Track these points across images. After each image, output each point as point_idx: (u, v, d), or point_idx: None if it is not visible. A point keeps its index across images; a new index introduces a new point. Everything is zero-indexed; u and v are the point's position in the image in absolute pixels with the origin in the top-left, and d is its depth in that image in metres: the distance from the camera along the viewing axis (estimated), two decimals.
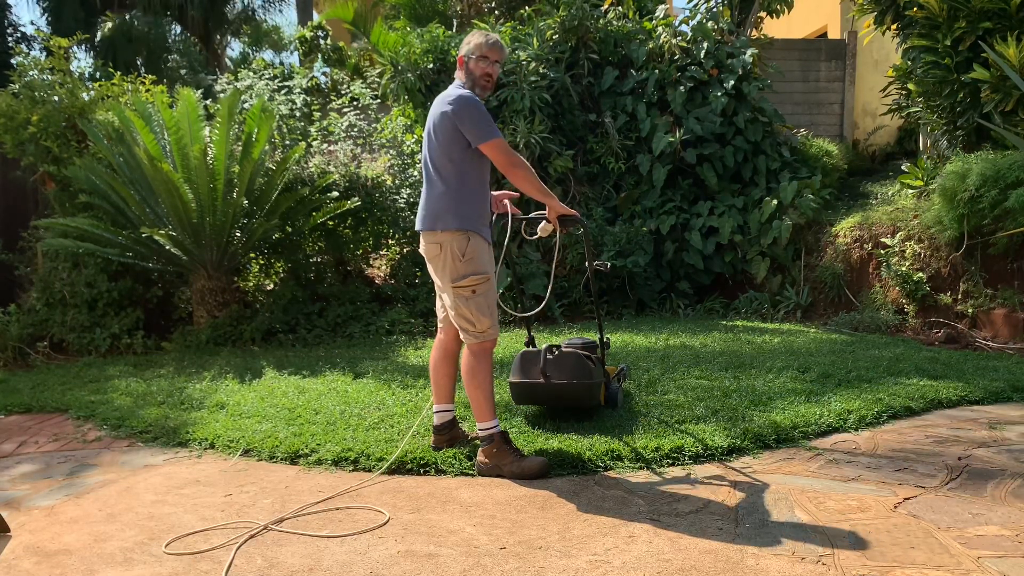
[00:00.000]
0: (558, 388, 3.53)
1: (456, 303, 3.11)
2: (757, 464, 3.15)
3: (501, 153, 3.04)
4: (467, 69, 3.17)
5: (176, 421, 3.98)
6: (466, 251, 3.07)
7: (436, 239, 3.10)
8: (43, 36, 7.98)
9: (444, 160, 3.08)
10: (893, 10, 7.39)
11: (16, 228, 7.09)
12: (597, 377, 3.60)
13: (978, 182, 5.61)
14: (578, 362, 3.56)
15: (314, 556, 2.43)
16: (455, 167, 3.08)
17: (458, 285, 3.08)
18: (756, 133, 7.87)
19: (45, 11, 16.88)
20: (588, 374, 3.55)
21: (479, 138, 3.01)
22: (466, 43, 3.18)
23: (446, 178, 3.08)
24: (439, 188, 3.09)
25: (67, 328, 6.25)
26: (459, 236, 3.07)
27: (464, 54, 3.17)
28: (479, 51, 3.15)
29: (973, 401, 3.99)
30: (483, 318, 3.11)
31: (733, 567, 2.26)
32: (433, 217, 3.10)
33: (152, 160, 5.60)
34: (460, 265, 3.07)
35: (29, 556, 2.49)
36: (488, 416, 3.14)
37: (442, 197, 3.09)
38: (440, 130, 3.06)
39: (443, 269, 3.11)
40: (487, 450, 3.12)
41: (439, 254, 3.10)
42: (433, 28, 8.08)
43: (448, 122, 3.03)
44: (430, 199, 3.13)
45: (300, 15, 17.56)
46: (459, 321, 3.14)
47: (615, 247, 7.33)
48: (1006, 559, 2.24)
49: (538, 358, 3.58)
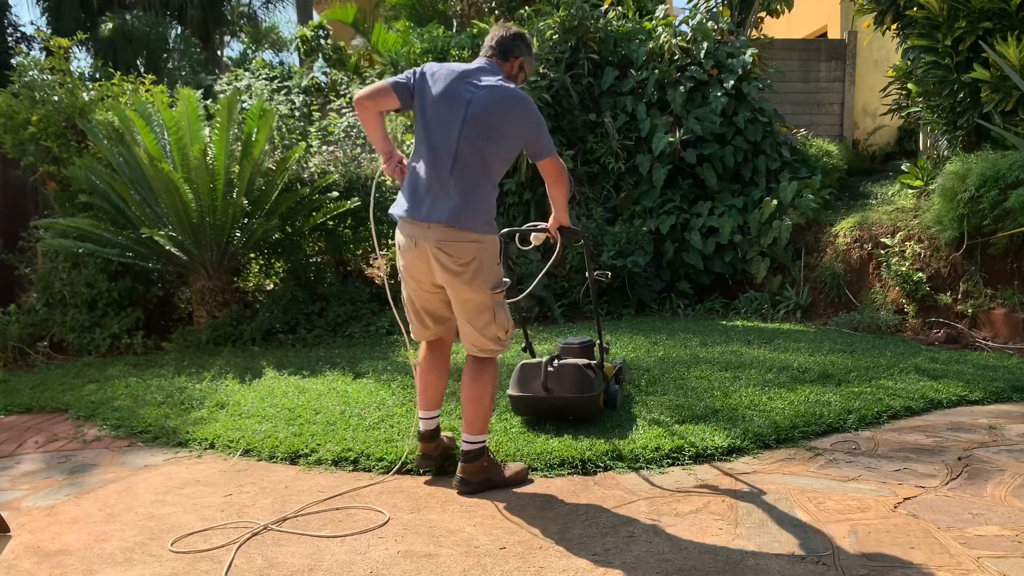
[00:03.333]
0: (560, 402, 3.50)
1: (496, 311, 2.91)
2: (757, 464, 3.15)
3: (559, 166, 2.94)
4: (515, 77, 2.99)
5: (176, 421, 3.98)
6: (500, 257, 2.92)
7: (478, 239, 2.79)
8: (43, 36, 7.98)
9: (499, 158, 2.84)
10: (893, 10, 7.39)
11: (16, 228, 7.09)
12: (598, 388, 3.55)
13: (978, 182, 5.61)
14: (579, 375, 3.52)
15: (314, 556, 2.43)
16: (502, 168, 2.89)
17: (499, 291, 2.91)
18: (756, 133, 7.88)
19: (45, 11, 16.88)
20: (589, 386, 3.50)
21: (547, 152, 2.87)
22: (530, 54, 3.02)
23: (493, 177, 2.85)
24: (486, 186, 2.82)
25: (67, 328, 6.25)
26: (497, 239, 2.89)
27: (525, 65, 3.01)
28: (530, 72, 3.10)
29: (973, 401, 3.99)
30: (512, 323, 3.01)
31: (733, 567, 2.26)
32: (481, 216, 2.80)
33: (152, 160, 5.59)
34: (499, 270, 2.91)
35: (29, 556, 2.49)
36: (485, 429, 3.00)
37: (487, 197, 2.83)
38: (509, 126, 2.81)
39: (480, 273, 2.82)
40: (477, 466, 2.94)
41: (477, 257, 2.79)
42: (433, 28, 8.09)
43: (521, 123, 2.82)
44: (475, 195, 2.79)
45: (300, 15, 17.56)
46: (494, 331, 2.93)
47: (615, 247, 7.33)
48: (1006, 559, 2.24)
49: (538, 370, 3.52)
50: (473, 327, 2.91)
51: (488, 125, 2.78)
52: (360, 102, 2.89)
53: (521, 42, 2.99)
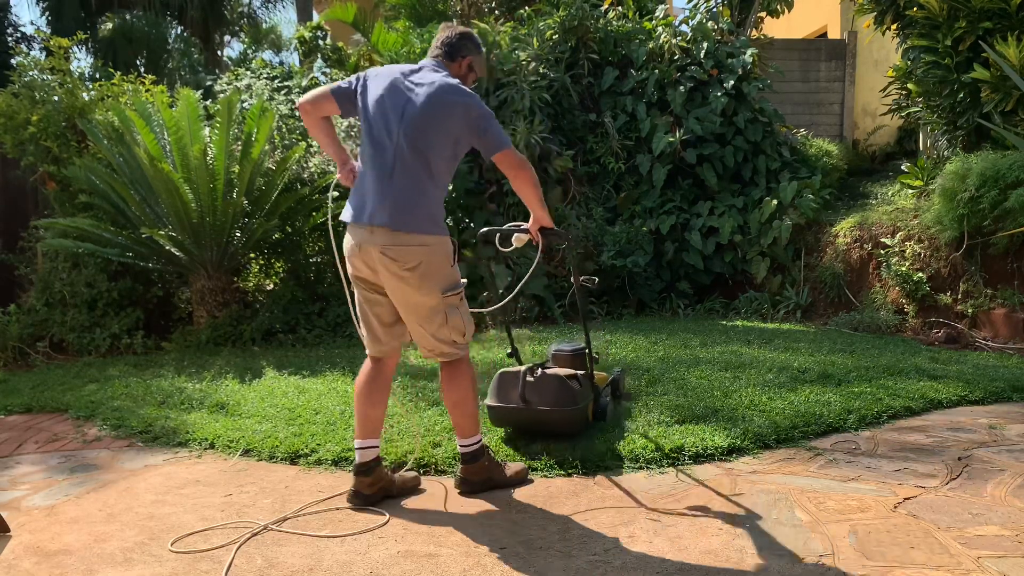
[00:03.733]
0: (539, 415, 3.26)
1: (449, 315, 2.79)
2: (757, 464, 3.15)
3: (516, 159, 2.76)
4: (465, 77, 2.92)
5: (176, 421, 3.98)
6: (453, 258, 2.80)
7: (424, 242, 2.69)
8: (43, 36, 7.98)
9: (441, 157, 2.73)
10: (893, 10, 7.39)
11: (16, 228, 7.09)
12: (582, 401, 3.32)
13: (978, 182, 5.62)
14: (561, 387, 3.26)
15: (314, 556, 2.43)
16: (447, 167, 2.78)
17: (453, 294, 2.79)
18: (756, 133, 7.88)
19: (45, 11, 16.87)
20: (571, 399, 3.25)
21: (498, 145, 2.73)
22: (479, 53, 2.95)
23: (438, 177, 2.75)
24: (430, 186, 2.72)
25: (67, 328, 6.25)
26: (448, 240, 2.77)
27: (474, 64, 2.94)
28: (481, 72, 2.99)
29: (973, 401, 3.99)
30: (471, 327, 2.89)
31: (733, 567, 2.26)
32: (422, 217, 2.70)
33: (152, 160, 5.60)
34: (453, 271, 2.80)
35: (29, 556, 2.49)
36: (478, 429, 2.93)
37: (433, 198, 2.73)
38: (449, 122, 2.70)
39: (429, 277, 2.72)
40: (477, 466, 2.91)
41: (423, 260, 2.69)
42: (433, 28, 8.08)
43: (463, 119, 2.71)
44: (418, 196, 2.70)
45: (300, 15, 17.56)
46: (450, 335, 2.81)
47: (615, 247, 7.33)
48: (1006, 559, 2.24)
49: (517, 380, 3.27)
50: (425, 331, 2.80)
51: (427, 123, 2.69)
52: (302, 107, 2.86)
53: (468, 41, 2.91)
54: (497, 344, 5.85)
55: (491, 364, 5.05)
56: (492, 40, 7.95)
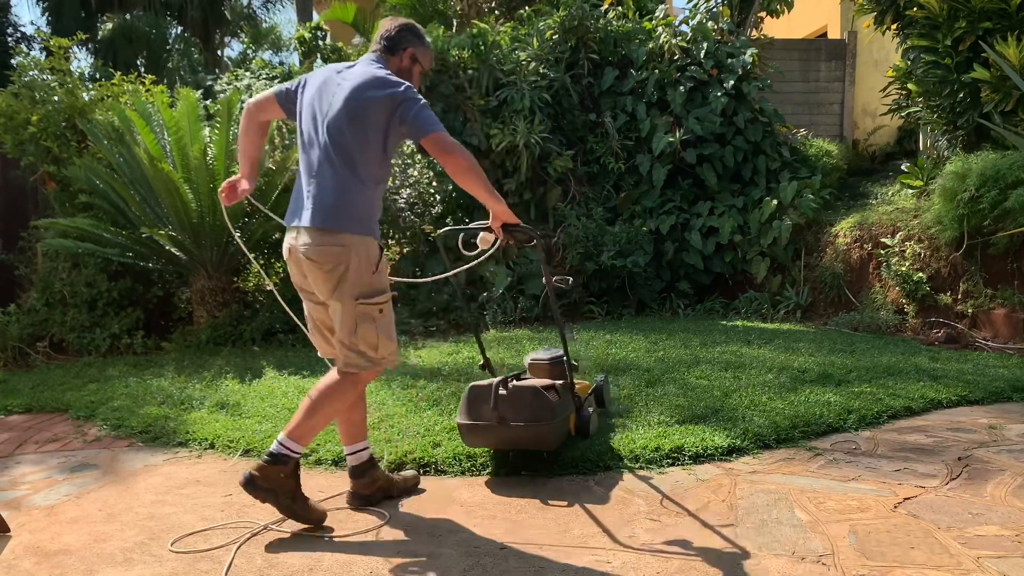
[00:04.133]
0: (514, 432, 2.96)
1: (360, 324, 2.60)
2: (757, 464, 3.15)
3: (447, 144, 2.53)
4: (409, 70, 2.79)
5: (176, 421, 3.98)
6: (379, 262, 2.62)
7: (344, 242, 2.55)
8: (43, 36, 7.98)
9: (367, 151, 2.58)
10: (893, 10, 7.40)
11: (16, 228, 7.09)
12: (561, 414, 3.04)
13: (978, 182, 5.62)
14: (536, 399, 2.97)
15: (314, 556, 2.43)
16: (378, 164, 2.62)
17: (368, 303, 2.60)
18: (756, 133, 7.88)
19: (45, 11, 16.88)
20: (549, 413, 2.96)
21: (426, 126, 2.52)
22: (423, 44, 2.82)
23: (365, 174, 2.59)
24: (356, 184, 2.58)
25: (67, 328, 6.25)
26: (373, 244, 2.60)
27: (418, 55, 2.81)
28: (428, 64, 2.86)
29: (973, 401, 3.99)
30: (388, 342, 2.67)
31: (733, 567, 2.26)
32: (343, 215, 2.56)
33: (152, 160, 5.59)
34: (374, 278, 2.61)
35: (29, 556, 2.49)
36: (305, 441, 2.64)
37: (360, 196, 2.59)
38: (372, 115, 2.56)
39: (346, 281, 2.56)
40: (274, 470, 2.57)
41: (343, 262, 2.55)
42: (433, 28, 8.08)
43: (386, 109, 2.55)
44: (343, 194, 2.57)
45: (300, 15, 17.56)
46: (359, 345, 2.62)
47: (615, 247, 7.33)
48: (1006, 559, 2.24)
49: (489, 393, 2.99)
50: (339, 336, 2.64)
51: (349, 120, 2.57)
52: (246, 108, 2.82)
53: (408, 33, 2.79)
54: (497, 344, 5.85)
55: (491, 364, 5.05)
56: (492, 40, 7.95)
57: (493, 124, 7.72)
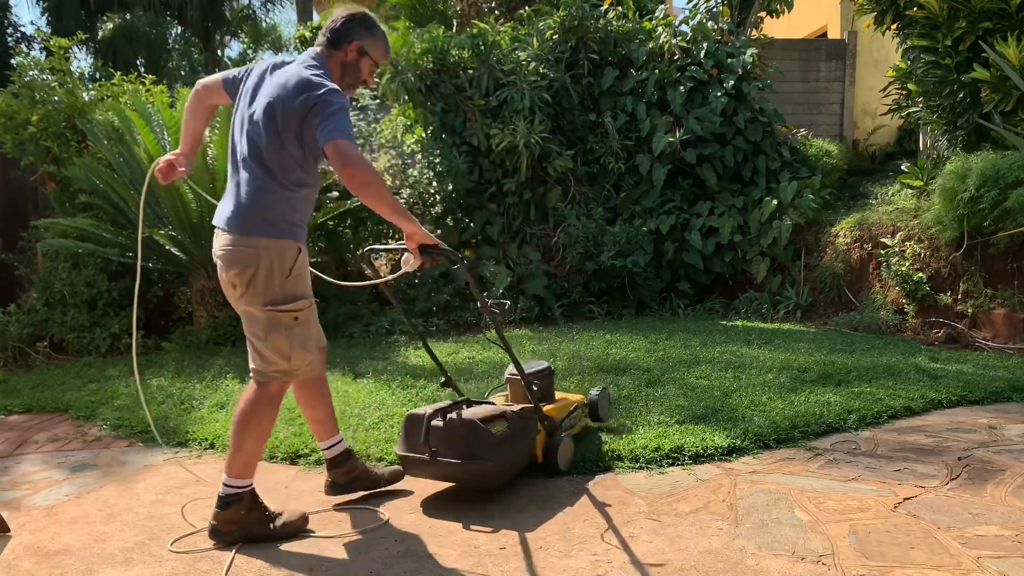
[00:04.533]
0: (448, 468, 2.71)
1: (270, 332, 2.48)
2: (757, 464, 3.15)
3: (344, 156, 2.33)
4: (356, 64, 2.63)
5: (176, 421, 3.98)
6: (295, 267, 2.50)
7: (254, 244, 2.44)
8: (43, 36, 7.98)
9: (283, 155, 2.48)
10: (893, 10, 7.40)
11: (16, 228, 7.09)
12: (503, 453, 2.72)
13: (978, 182, 5.62)
14: (471, 435, 2.67)
15: (314, 556, 2.43)
16: (298, 166, 2.51)
17: (279, 310, 2.48)
18: (756, 133, 7.88)
19: (45, 11, 16.87)
20: (488, 450, 2.68)
21: (326, 133, 2.35)
22: (372, 35, 2.63)
23: (282, 176, 2.49)
24: (272, 185, 2.47)
25: (67, 328, 6.25)
26: (289, 248, 2.49)
27: (366, 47, 2.62)
28: (380, 57, 2.68)
29: (973, 401, 3.99)
30: (303, 352, 2.54)
31: (733, 567, 2.26)
32: (256, 218, 2.45)
33: (152, 160, 5.59)
34: (287, 284, 2.49)
35: (29, 556, 2.49)
36: (248, 473, 2.53)
37: (275, 197, 2.48)
38: (288, 119, 2.44)
39: (254, 285, 2.46)
40: (231, 514, 2.49)
41: (252, 265, 2.44)
42: (433, 28, 8.08)
43: (300, 111, 2.42)
44: (257, 195, 2.46)
45: (300, 15, 17.56)
46: (268, 353, 2.50)
47: (615, 247, 7.33)
48: (1006, 559, 2.24)
49: (421, 424, 2.74)
50: (249, 343, 2.54)
51: (266, 120, 2.47)
52: (195, 88, 2.75)
53: (355, 24, 2.61)
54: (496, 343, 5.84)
55: (490, 365, 5.06)
56: (492, 40, 7.95)
57: (493, 124, 7.72)
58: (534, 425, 2.95)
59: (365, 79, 2.70)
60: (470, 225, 7.89)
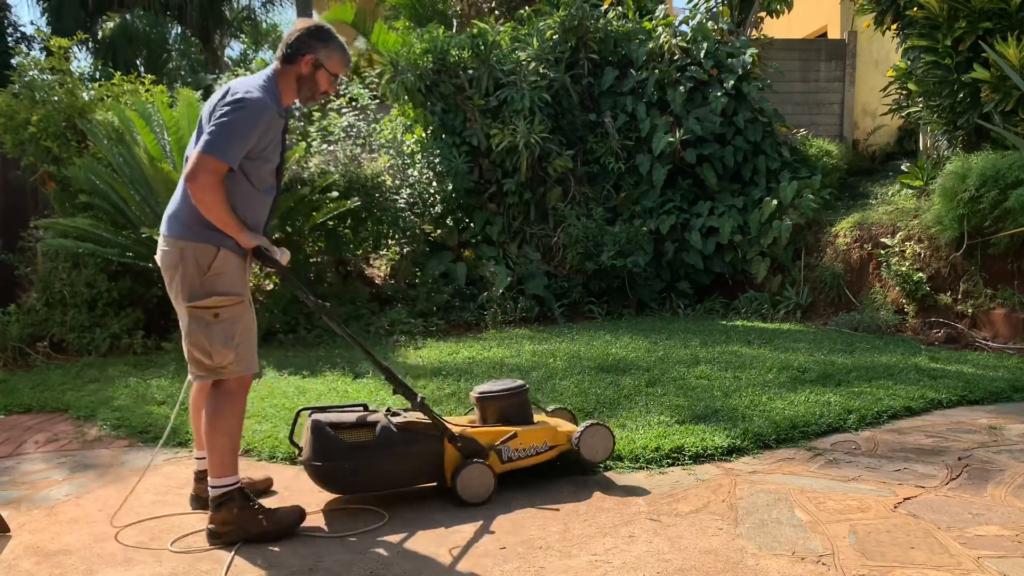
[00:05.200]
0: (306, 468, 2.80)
1: (192, 328, 2.56)
2: (757, 464, 3.15)
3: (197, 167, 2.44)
4: (312, 77, 2.65)
5: (176, 421, 3.98)
6: (213, 265, 2.55)
7: (178, 245, 2.57)
8: (43, 36, 7.98)
9: None
10: (893, 10, 7.40)
11: (16, 228, 7.08)
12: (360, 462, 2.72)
13: (978, 182, 5.61)
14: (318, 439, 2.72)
15: (314, 556, 2.43)
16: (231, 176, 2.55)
17: (199, 306, 2.55)
18: (756, 133, 7.88)
19: (45, 11, 16.86)
20: (332, 456, 2.71)
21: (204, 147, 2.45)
22: (325, 47, 2.64)
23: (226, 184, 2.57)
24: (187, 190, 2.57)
25: (67, 328, 6.24)
26: (206, 248, 2.56)
27: (320, 59, 2.63)
28: (337, 67, 2.69)
29: (973, 401, 3.99)
30: (224, 350, 2.56)
31: (733, 567, 2.26)
32: (180, 222, 2.59)
33: (152, 160, 5.60)
34: (206, 280, 2.55)
35: (29, 556, 2.49)
36: (229, 471, 2.58)
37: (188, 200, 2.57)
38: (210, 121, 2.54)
39: (178, 282, 2.57)
40: (225, 514, 2.54)
41: (176, 264, 2.57)
42: (433, 28, 8.08)
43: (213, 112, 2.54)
44: (180, 200, 2.62)
45: (300, 15, 17.55)
46: (192, 351, 2.58)
47: (615, 247, 7.34)
48: (1006, 559, 2.24)
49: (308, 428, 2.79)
50: (185, 342, 2.62)
51: (197, 133, 2.60)
52: None
53: (308, 37, 2.63)
54: (496, 344, 5.85)
55: (490, 365, 5.06)
56: (492, 40, 7.95)
57: (493, 124, 7.72)
58: (428, 441, 2.80)
59: (325, 90, 2.72)
60: (470, 225, 7.89)
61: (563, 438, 3.00)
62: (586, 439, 2.97)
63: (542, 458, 2.95)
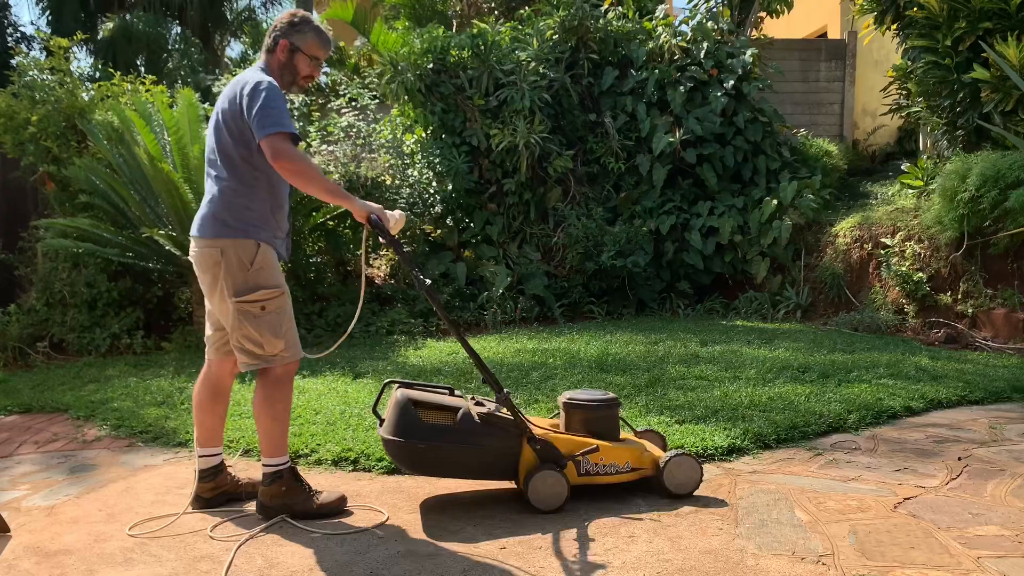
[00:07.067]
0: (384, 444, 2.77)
1: (240, 322, 2.64)
2: (757, 464, 3.15)
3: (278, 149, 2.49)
4: (290, 62, 2.72)
5: (176, 421, 3.98)
6: (255, 260, 2.64)
7: (214, 244, 2.64)
8: (43, 36, 7.98)
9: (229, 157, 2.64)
10: (893, 10, 7.40)
11: (16, 228, 7.08)
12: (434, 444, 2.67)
13: (978, 182, 5.62)
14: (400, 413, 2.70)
15: (314, 556, 2.43)
16: (243, 163, 2.64)
17: (245, 300, 2.64)
18: (756, 133, 7.88)
19: (45, 11, 16.86)
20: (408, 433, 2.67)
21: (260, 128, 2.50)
22: (298, 31, 2.71)
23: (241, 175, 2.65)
24: (232, 185, 2.65)
25: (67, 328, 6.24)
26: (247, 244, 2.64)
27: (295, 43, 2.70)
28: (314, 50, 2.74)
29: (973, 401, 4.00)
30: (275, 340, 2.67)
31: (733, 567, 2.26)
32: (216, 221, 2.65)
33: (152, 160, 5.59)
34: (249, 276, 2.64)
35: (29, 556, 2.49)
36: (281, 451, 2.73)
37: (235, 196, 2.64)
38: (229, 121, 2.62)
39: (223, 280, 2.64)
40: (273, 490, 2.71)
41: (218, 262, 2.63)
42: (433, 28, 8.08)
43: (238, 104, 2.59)
44: (219, 197, 2.66)
45: None
46: (244, 343, 2.66)
47: (615, 247, 7.34)
48: (1006, 559, 2.24)
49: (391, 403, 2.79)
50: (230, 336, 2.71)
51: (216, 128, 2.68)
52: None
53: (283, 24, 2.73)
54: (497, 344, 5.85)
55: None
56: (492, 40, 7.95)
57: (493, 124, 7.72)
58: (506, 438, 2.73)
59: (307, 75, 2.77)
60: (470, 225, 7.88)
61: (648, 462, 2.81)
62: (671, 468, 2.78)
63: (622, 479, 2.79)
